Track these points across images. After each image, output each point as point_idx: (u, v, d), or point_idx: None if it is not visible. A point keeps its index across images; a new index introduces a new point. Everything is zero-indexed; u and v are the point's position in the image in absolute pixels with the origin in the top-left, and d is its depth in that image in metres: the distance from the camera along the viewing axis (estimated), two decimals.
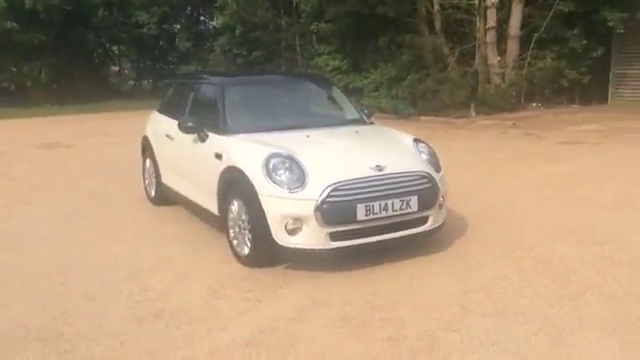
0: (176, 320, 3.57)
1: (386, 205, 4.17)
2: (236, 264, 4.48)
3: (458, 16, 15.69)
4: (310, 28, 19.38)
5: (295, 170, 4.18)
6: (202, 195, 5.12)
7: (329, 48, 18.46)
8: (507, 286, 3.98)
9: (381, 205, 4.15)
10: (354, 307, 3.70)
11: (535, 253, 4.62)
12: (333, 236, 4.12)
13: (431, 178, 4.47)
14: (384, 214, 4.17)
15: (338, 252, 4.18)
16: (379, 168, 4.26)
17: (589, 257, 4.50)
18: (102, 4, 23.68)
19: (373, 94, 16.00)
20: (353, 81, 16.92)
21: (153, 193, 6.46)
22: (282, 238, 4.14)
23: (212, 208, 4.89)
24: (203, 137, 5.01)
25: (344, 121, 5.49)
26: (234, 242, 4.56)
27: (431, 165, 4.67)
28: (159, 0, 24.27)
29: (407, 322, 3.47)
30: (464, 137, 11.53)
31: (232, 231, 4.58)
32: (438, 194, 4.51)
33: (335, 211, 4.06)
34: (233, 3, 20.73)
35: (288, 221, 4.10)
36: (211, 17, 26.38)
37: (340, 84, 15.38)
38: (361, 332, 3.36)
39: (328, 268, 4.26)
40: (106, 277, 4.32)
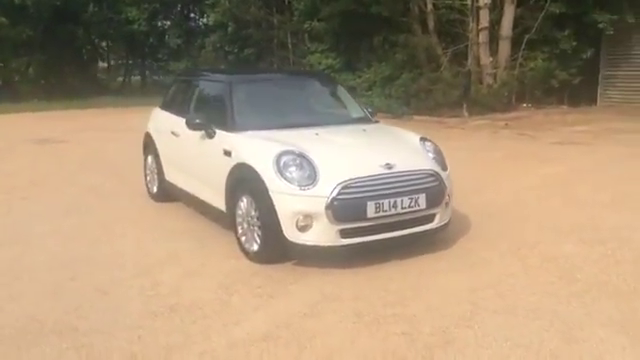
0: (191, 315, 3.58)
1: (395, 203, 4.22)
2: (244, 260, 4.50)
3: (451, 16, 15.78)
4: (303, 26, 19.37)
5: (306, 167, 4.21)
6: (208, 192, 5.12)
7: (322, 46, 18.47)
8: (514, 283, 4.05)
9: (390, 203, 4.20)
10: (366, 303, 3.73)
11: (539, 251, 4.69)
12: (343, 233, 4.16)
13: (438, 176, 4.53)
14: (393, 212, 4.22)
15: (348, 249, 4.22)
16: (389, 166, 4.30)
17: (592, 255, 4.58)
18: (92, 0, 23.51)
19: (366, 93, 16.03)
20: (346, 80, 16.91)
21: (155, 190, 6.45)
22: (293, 235, 4.16)
23: (219, 205, 4.91)
24: (211, 134, 5.00)
25: (350, 119, 5.53)
26: (242, 238, 4.58)
27: (438, 163, 4.72)
28: None
29: (419, 318, 3.52)
30: (458, 136, 11.61)
31: (240, 227, 4.59)
32: (445, 192, 4.56)
33: (346, 208, 4.10)
34: (225, 0, 20.67)
35: (299, 218, 4.12)
36: (202, 14, 26.28)
37: None
38: (375, 327, 3.40)
39: (336, 265, 4.29)
40: (115, 272, 4.32)
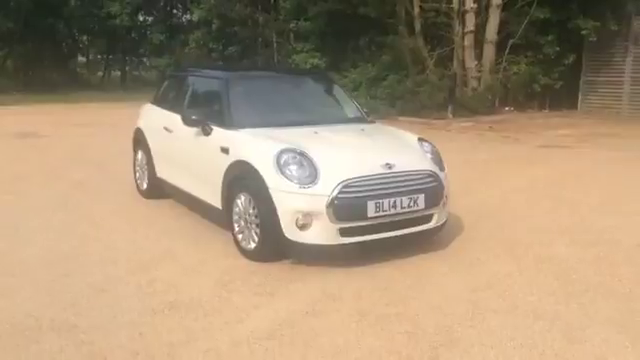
0: (191, 312, 3.53)
1: (395, 202, 4.22)
2: (241, 258, 4.46)
3: (437, 19, 15.90)
4: (289, 26, 19.33)
5: (307, 166, 4.19)
6: (204, 189, 5.06)
7: (308, 46, 18.44)
8: (512, 284, 4.07)
9: (390, 202, 4.20)
10: (367, 302, 3.73)
11: (533, 252, 4.73)
12: (343, 232, 4.14)
13: (437, 177, 4.54)
14: (393, 211, 4.22)
15: (347, 248, 4.20)
16: (389, 166, 4.30)
17: (586, 256, 4.63)
18: None
19: (352, 94, 16.01)
20: None
21: (145, 186, 6.36)
22: (292, 233, 4.13)
23: (214, 202, 4.85)
24: (207, 130, 4.95)
25: (348, 118, 5.52)
26: (239, 236, 4.54)
27: (435, 164, 4.73)
28: None
29: (422, 317, 3.52)
30: (445, 138, 11.63)
31: (237, 225, 4.55)
32: (443, 192, 4.58)
33: (346, 207, 4.09)
34: None
35: (299, 216, 4.10)
36: (185, 10, 26.10)
37: None
38: (379, 326, 3.39)
39: (336, 263, 4.28)
40: (109, 269, 4.25)
